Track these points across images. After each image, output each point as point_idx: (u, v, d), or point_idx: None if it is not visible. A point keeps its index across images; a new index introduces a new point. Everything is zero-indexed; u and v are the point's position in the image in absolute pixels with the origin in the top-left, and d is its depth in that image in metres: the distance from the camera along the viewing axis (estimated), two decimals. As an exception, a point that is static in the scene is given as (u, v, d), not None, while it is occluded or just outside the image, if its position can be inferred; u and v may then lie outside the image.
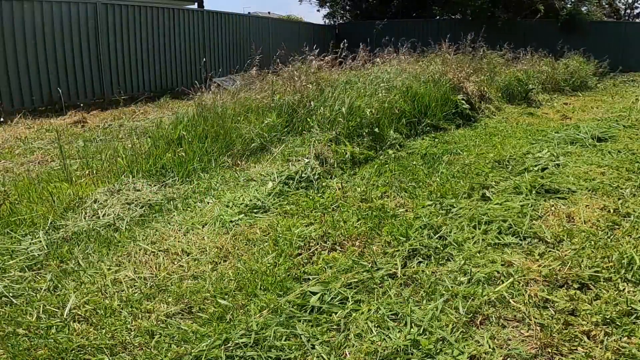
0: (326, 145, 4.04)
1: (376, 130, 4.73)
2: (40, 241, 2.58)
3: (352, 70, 6.58)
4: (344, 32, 16.45)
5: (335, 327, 1.77)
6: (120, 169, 3.63)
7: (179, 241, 2.48)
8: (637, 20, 19.36)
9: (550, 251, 2.30)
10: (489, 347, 1.63)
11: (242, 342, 1.67)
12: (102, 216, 2.93)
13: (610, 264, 2.12)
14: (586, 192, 3.11)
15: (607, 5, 18.23)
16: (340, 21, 18.64)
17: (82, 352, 1.65)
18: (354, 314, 1.84)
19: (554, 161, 3.83)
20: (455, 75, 6.71)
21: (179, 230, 2.63)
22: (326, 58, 6.49)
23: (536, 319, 1.77)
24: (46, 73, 7.61)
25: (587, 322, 1.74)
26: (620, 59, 13.27)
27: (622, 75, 12.30)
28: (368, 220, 2.72)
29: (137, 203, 3.08)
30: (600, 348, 1.61)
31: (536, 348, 1.63)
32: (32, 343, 1.68)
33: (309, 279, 2.11)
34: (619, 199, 2.97)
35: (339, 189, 3.25)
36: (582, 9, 14.87)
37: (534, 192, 3.08)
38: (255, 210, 2.93)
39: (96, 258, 2.33)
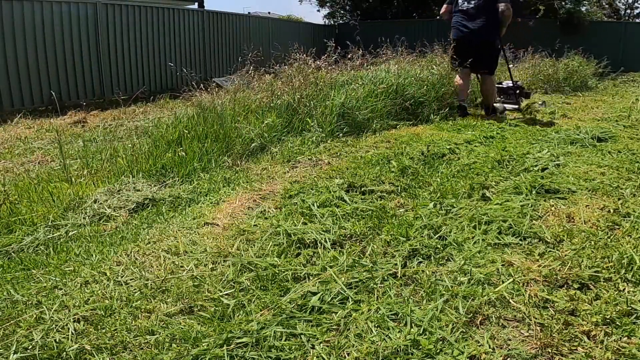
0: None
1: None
2: (40, 241, 2.58)
3: (352, 71, 6.59)
4: (344, 32, 16.46)
5: (335, 327, 1.77)
6: (121, 169, 3.63)
7: (179, 241, 2.48)
8: (637, 20, 19.37)
9: (550, 251, 2.30)
10: (489, 347, 1.64)
11: (242, 342, 1.67)
12: (102, 216, 2.93)
13: (610, 264, 2.12)
14: (586, 192, 3.11)
15: (607, 5, 18.25)
16: (341, 21, 18.65)
17: (82, 352, 1.65)
18: (354, 314, 1.84)
19: (554, 161, 3.83)
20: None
21: (180, 230, 2.64)
22: (325, 58, 6.49)
23: (536, 319, 1.77)
24: (46, 73, 7.62)
25: (587, 322, 1.74)
26: (621, 59, 13.29)
27: (622, 75, 12.30)
28: (368, 220, 2.72)
29: (138, 203, 3.08)
30: (600, 348, 1.61)
31: (536, 348, 1.63)
32: (32, 343, 1.68)
33: (309, 278, 2.11)
34: (619, 199, 2.97)
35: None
36: (582, 9, 14.88)
37: (534, 192, 3.09)
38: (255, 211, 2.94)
39: (96, 258, 2.34)
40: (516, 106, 6.35)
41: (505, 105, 6.42)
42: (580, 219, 2.67)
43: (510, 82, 6.58)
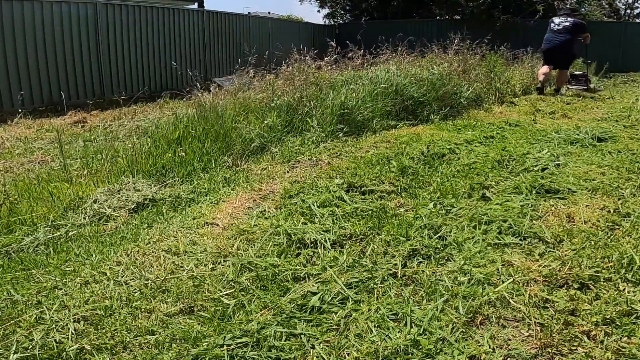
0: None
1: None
2: (40, 241, 2.58)
3: (352, 70, 6.59)
4: (344, 32, 16.45)
5: (335, 327, 1.77)
6: (121, 169, 3.63)
7: (179, 241, 2.48)
8: (637, 20, 19.35)
9: (550, 251, 2.31)
10: (489, 347, 1.64)
11: (242, 342, 1.68)
12: (102, 216, 2.93)
13: (610, 264, 2.13)
14: (586, 192, 3.12)
15: (607, 5, 18.23)
16: (340, 21, 18.64)
17: (82, 352, 1.65)
18: (354, 314, 1.84)
19: (554, 161, 3.83)
20: (454, 76, 6.75)
21: (180, 230, 2.64)
22: (325, 58, 6.49)
23: (536, 319, 1.77)
24: (46, 73, 7.62)
25: (587, 322, 1.74)
26: (621, 59, 13.28)
27: (622, 75, 12.30)
28: (368, 220, 2.72)
29: (138, 203, 3.08)
30: (600, 348, 1.62)
31: (536, 348, 1.63)
32: (32, 343, 1.68)
33: (309, 278, 2.11)
34: (619, 199, 2.97)
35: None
36: (581, 10, 14.87)
37: (534, 192, 3.09)
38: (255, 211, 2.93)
39: (96, 258, 2.33)
40: (585, 86, 8.85)
41: (577, 86, 8.95)
42: (580, 219, 2.67)
43: (580, 72, 9.22)
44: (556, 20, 8.41)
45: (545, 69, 8.41)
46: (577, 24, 8.20)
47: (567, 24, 8.12)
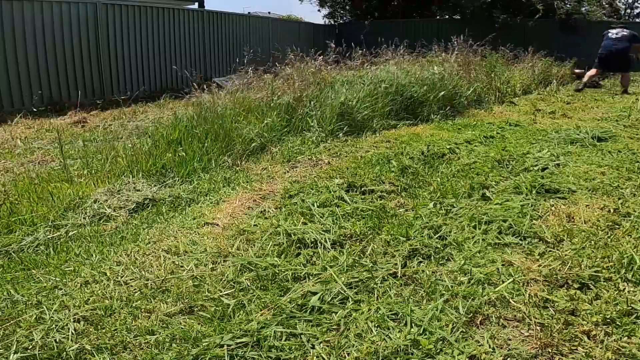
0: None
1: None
2: (40, 241, 2.58)
3: (351, 70, 6.59)
4: (344, 32, 16.44)
5: (335, 327, 1.77)
6: (121, 169, 3.63)
7: (179, 241, 2.48)
8: (637, 20, 19.35)
9: (550, 251, 2.31)
10: (489, 347, 1.64)
11: (242, 342, 1.67)
12: (102, 216, 2.93)
13: (610, 264, 2.13)
14: (586, 192, 3.12)
15: (607, 5, 18.21)
16: (341, 21, 18.62)
17: (82, 352, 1.65)
18: (354, 314, 1.84)
19: (554, 161, 3.83)
20: (455, 76, 6.74)
21: (180, 230, 2.64)
22: (326, 58, 6.49)
23: (536, 318, 1.77)
24: (46, 73, 7.62)
25: (587, 322, 1.74)
26: (621, 59, 13.21)
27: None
28: (368, 219, 2.72)
29: (138, 203, 3.08)
30: (600, 348, 1.62)
31: (536, 348, 1.63)
32: (32, 343, 1.68)
33: (309, 278, 2.11)
34: (619, 198, 2.97)
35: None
36: (582, 10, 14.86)
37: (534, 191, 3.09)
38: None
39: (96, 258, 2.33)
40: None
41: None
42: (580, 218, 2.67)
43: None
44: (613, 31, 9.58)
45: (593, 71, 9.54)
46: (634, 34, 9.42)
47: (625, 33, 9.37)
